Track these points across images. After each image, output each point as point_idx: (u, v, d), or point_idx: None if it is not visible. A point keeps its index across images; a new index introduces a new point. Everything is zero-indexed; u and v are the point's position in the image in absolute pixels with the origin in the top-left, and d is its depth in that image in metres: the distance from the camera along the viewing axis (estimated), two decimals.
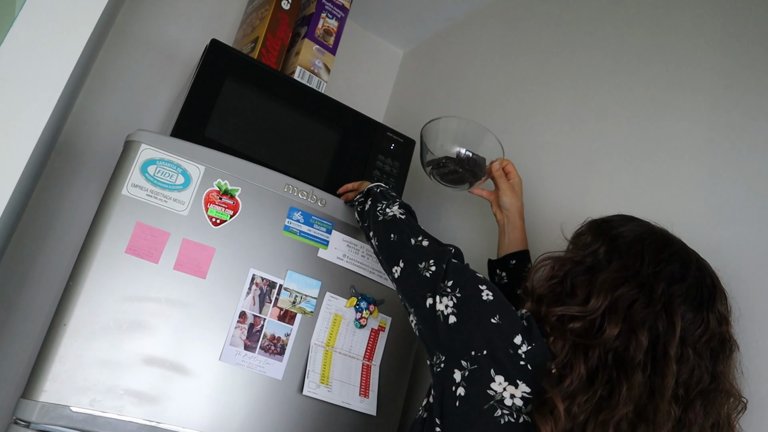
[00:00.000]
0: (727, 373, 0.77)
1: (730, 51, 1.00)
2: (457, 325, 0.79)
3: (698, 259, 0.81)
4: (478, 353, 0.76)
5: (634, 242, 0.81)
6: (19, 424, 0.87)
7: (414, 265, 0.89)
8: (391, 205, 1.03)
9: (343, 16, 1.53)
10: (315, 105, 1.29)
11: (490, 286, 0.83)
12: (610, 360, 0.73)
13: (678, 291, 0.76)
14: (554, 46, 1.40)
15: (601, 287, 0.77)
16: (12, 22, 0.92)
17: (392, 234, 0.96)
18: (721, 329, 0.77)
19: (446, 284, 0.83)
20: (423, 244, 0.91)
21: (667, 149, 1.04)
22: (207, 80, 1.17)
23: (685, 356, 0.73)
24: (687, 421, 0.73)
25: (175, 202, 1.01)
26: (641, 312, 0.74)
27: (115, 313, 0.94)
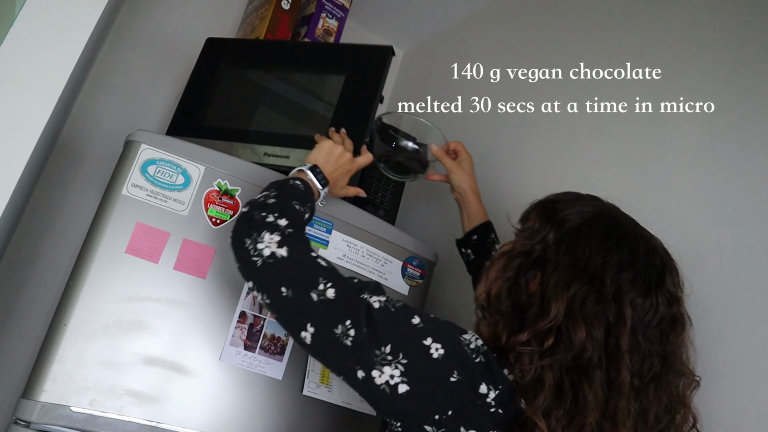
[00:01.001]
0: (678, 353, 0.75)
1: (731, 50, 1.00)
2: (412, 394, 0.68)
3: (647, 240, 0.78)
4: (442, 416, 0.68)
5: (582, 228, 0.77)
6: (19, 424, 0.87)
7: (328, 330, 0.70)
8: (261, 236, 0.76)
9: (343, 16, 1.53)
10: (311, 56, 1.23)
11: (433, 331, 0.71)
12: (569, 363, 0.69)
13: (626, 278, 0.73)
14: (554, 47, 1.40)
15: (555, 289, 0.73)
16: (12, 22, 0.92)
17: (282, 288, 0.73)
18: (672, 310, 0.75)
19: (383, 351, 0.68)
20: (328, 295, 0.72)
21: (667, 149, 1.04)
22: (203, 74, 1.18)
23: (635, 345, 0.71)
24: (641, 409, 0.71)
25: (175, 202, 1.01)
26: (594, 308, 0.71)
27: (115, 313, 0.94)
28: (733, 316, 0.84)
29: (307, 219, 0.87)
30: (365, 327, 0.69)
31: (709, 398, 0.83)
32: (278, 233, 0.77)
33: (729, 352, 0.83)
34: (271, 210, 0.80)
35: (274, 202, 0.82)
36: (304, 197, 0.88)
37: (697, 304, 0.89)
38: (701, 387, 0.79)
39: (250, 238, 0.77)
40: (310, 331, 0.72)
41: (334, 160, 1.00)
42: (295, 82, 1.21)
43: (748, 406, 0.79)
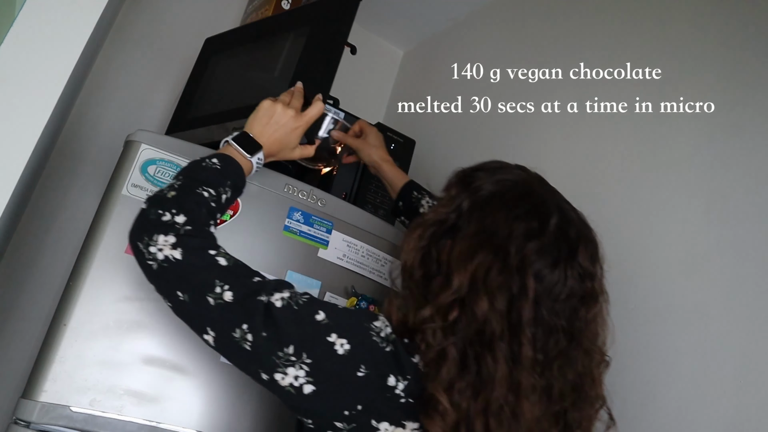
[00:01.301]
0: (589, 330, 0.72)
1: (731, 50, 1.00)
2: (318, 393, 0.67)
3: (562, 212, 0.74)
4: (352, 411, 0.67)
5: (494, 196, 0.74)
6: (19, 424, 0.87)
7: (227, 334, 0.68)
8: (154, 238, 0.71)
9: None
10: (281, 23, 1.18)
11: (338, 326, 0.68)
12: (473, 336, 0.67)
13: (532, 249, 0.70)
14: (554, 46, 1.40)
15: (459, 259, 0.70)
16: (12, 22, 0.92)
17: (178, 293, 0.70)
18: (584, 285, 0.72)
19: (286, 353, 0.66)
20: (225, 299, 0.69)
21: (667, 149, 1.04)
22: (200, 72, 1.18)
23: (539, 318, 0.68)
24: (546, 384, 0.68)
25: None
26: (497, 278, 0.68)
27: (115, 313, 0.94)
28: (734, 316, 0.84)
29: (227, 200, 0.82)
30: (263, 330, 0.67)
31: (710, 399, 0.83)
32: (173, 234, 0.72)
33: (729, 352, 0.83)
34: (169, 206, 0.74)
35: (174, 195, 0.76)
36: (219, 177, 0.81)
37: (697, 304, 0.89)
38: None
39: (142, 241, 0.73)
40: (212, 334, 0.70)
41: (274, 120, 0.91)
42: (262, 51, 1.16)
43: (749, 408, 0.79)
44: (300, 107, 0.94)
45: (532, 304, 0.68)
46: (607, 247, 1.05)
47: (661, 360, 0.91)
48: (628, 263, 1.01)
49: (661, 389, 0.89)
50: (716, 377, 0.83)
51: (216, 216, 0.80)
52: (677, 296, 0.92)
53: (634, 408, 0.91)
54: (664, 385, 0.89)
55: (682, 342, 0.89)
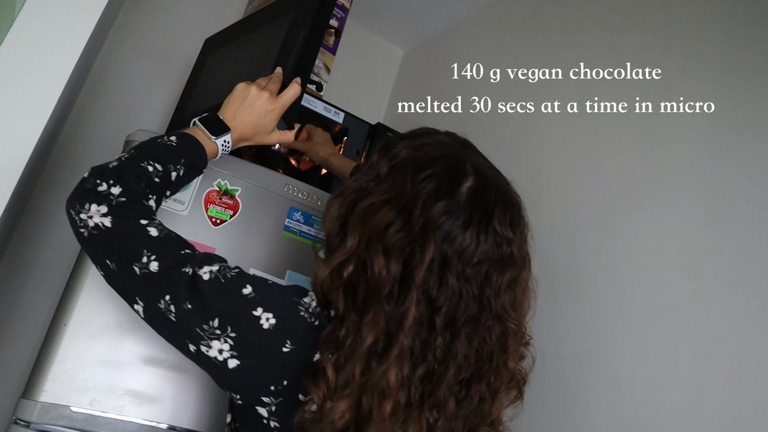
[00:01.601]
0: (501, 298, 0.69)
1: (731, 50, 1.00)
2: (244, 368, 0.65)
3: (480, 175, 0.72)
4: (278, 387, 0.66)
5: (407, 160, 0.72)
6: (19, 424, 0.87)
7: (154, 305, 0.67)
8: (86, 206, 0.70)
9: (343, 16, 1.53)
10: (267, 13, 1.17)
11: (265, 300, 0.67)
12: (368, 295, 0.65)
13: (439, 209, 0.67)
14: (554, 47, 1.40)
15: (357, 219, 0.69)
16: (12, 22, 0.92)
17: (107, 261, 0.69)
18: (500, 250, 0.69)
19: (211, 326, 0.65)
20: (151, 269, 0.67)
21: (667, 149, 1.04)
22: (199, 71, 1.18)
23: (445, 282, 0.66)
24: (453, 351, 0.66)
25: (175, 202, 1.01)
26: (394, 236, 0.66)
27: (115, 313, 0.94)
28: (733, 316, 0.84)
29: (178, 177, 0.80)
30: (188, 302, 0.66)
31: (710, 399, 0.83)
32: (105, 204, 0.69)
33: (729, 352, 0.83)
34: (107, 177, 0.72)
35: (115, 166, 0.74)
36: (172, 153, 0.79)
37: (697, 304, 0.89)
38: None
39: (74, 209, 0.71)
40: (141, 305, 0.69)
41: (247, 102, 0.88)
42: (252, 44, 1.15)
43: (749, 408, 0.79)
44: (276, 90, 0.91)
45: (437, 268, 0.66)
46: (606, 247, 1.06)
47: (661, 360, 0.91)
48: (628, 263, 1.01)
49: (661, 389, 0.89)
50: (716, 377, 0.83)
51: (161, 192, 0.77)
52: (677, 296, 0.92)
53: (634, 408, 0.91)
54: (664, 385, 0.89)
55: (682, 342, 0.89)
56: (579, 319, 1.04)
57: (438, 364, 0.66)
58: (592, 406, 0.97)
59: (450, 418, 0.67)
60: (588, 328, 1.03)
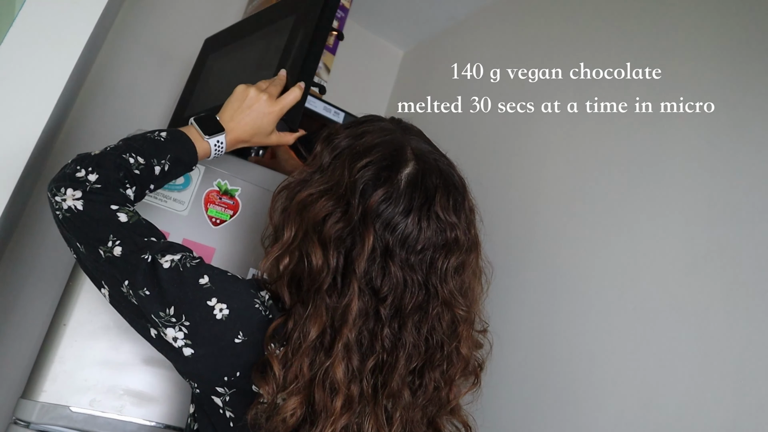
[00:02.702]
0: (448, 284, 0.68)
1: (731, 50, 1.00)
2: (197, 357, 0.66)
3: (421, 160, 0.70)
4: (231, 377, 0.66)
5: (348, 148, 0.72)
6: (18, 424, 0.87)
7: (116, 289, 0.68)
8: (62, 189, 0.70)
9: (343, 16, 1.53)
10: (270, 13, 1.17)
11: (220, 291, 0.67)
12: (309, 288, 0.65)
13: (378, 197, 0.66)
14: (554, 47, 1.40)
15: (292, 210, 0.69)
16: (12, 22, 0.92)
17: (77, 243, 0.70)
18: (444, 235, 0.68)
19: (167, 313, 0.65)
20: (115, 253, 0.67)
21: (668, 149, 1.04)
22: (200, 73, 1.18)
23: (388, 272, 0.65)
24: (402, 341, 0.66)
25: (175, 202, 1.01)
26: (332, 227, 0.66)
27: (115, 313, 0.93)
28: (733, 316, 0.84)
29: (162, 172, 0.79)
30: (145, 288, 0.66)
31: (710, 399, 0.83)
32: (80, 189, 0.70)
33: (729, 352, 0.83)
34: (87, 164, 0.73)
35: (97, 154, 0.75)
36: (157, 148, 0.79)
37: (697, 304, 0.89)
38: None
39: (51, 191, 0.72)
40: (106, 288, 0.70)
41: (245, 104, 0.88)
42: (252, 46, 1.15)
43: (749, 408, 0.79)
44: (276, 93, 0.91)
45: (378, 258, 0.66)
46: (606, 247, 1.06)
47: (661, 360, 0.91)
48: (628, 263, 1.01)
49: (661, 389, 0.89)
50: (716, 377, 0.83)
51: (141, 184, 0.77)
52: (677, 296, 0.92)
53: (635, 408, 0.91)
54: (664, 385, 0.89)
55: (682, 342, 0.89)
56: (579, 319, 1.04)
57: (387, 355, 0.66)
58: (592, 406, 0.97)
59: (407, 407, 0.67)
60: (588, 328, 1.03)
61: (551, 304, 1.10)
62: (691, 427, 0.83)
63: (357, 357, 0.64)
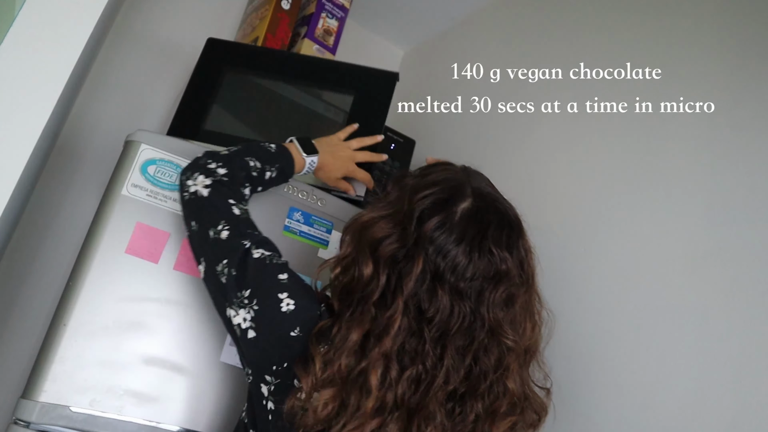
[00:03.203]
0: (496, 314, 0.71)
1: (731, 50, 1.00)
2: (256, 341, 0.73)
3: (481, 198, 0.76)
4: (279, 367, 0.72)
5: (413, 184, 0.78)
6: (18, 424, 0.87)
7: (212, 267, 0.78)
8: (195, 176, 0.84)
9: (343, 16, 1.53)
10: (318, 71, 1.24)
11: (292, 289, 0.75)
12: (358, 300, 0.71)
13: (432, 225, 0.71)
14: (554, 47, 1.40)
15: (354, 229, 0.76)
16: (12, 22, 0.92)
17: (192, 222, 0.82)
18: (494, 267, 0.72)
19: (243, 294, 0.74)
20: (221, 236, 0.78)
21: (668, 149, 1.04)
22: (204, 76, 1.17)
23: (436, 295, 0.69)
24: (442, 362, 0.69)
25: (175, 202, 1.01)
26: (387, 248, 0.71)
27: (115, 313, 0.94)
28: (733, 316, 0.84)
29: (270, 178, 0.93)
30: (235, 269, 0.75)
31: (710, 399, 0.83)
32: (211, 178, 0.83)
33: (729, 352, 0.83)
34: (217, 160, 0.87)
35: (225, 154, 0.89)
36: (270, 157, 0.93)
37: (697, 304, 0.89)
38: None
39: (185, 175, 0.86)
40: (203, 265, 0.80)
41: (332, 147, 1.04)
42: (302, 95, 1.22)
43: (749, 408, 0.79)
44: (355, 148, 1.08)
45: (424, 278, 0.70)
46: (606, 248, 1.06)
47: (661, 360, 0.91)
48: (628, 263, 1.01)
49: (661, 389, 0.89)
50: (716, 377, 0.83)
51: (255, 184, 0.90)
52: (677, 296, 0.92)
53: (634, 408, 0.91)
54: (664, 385, 0.89)
55: (682, 342, 0.89)
56: (578, 319, 1.04)
57: (426, 372, 0.68)
58: (592, 405, 0.97)
59: (437, 428, 0.68)
60: (587, 328, 1.03)
61: (551, 304, 1.10)
62: (691, 427, 0.83)
63: (396, 368, 0.68)
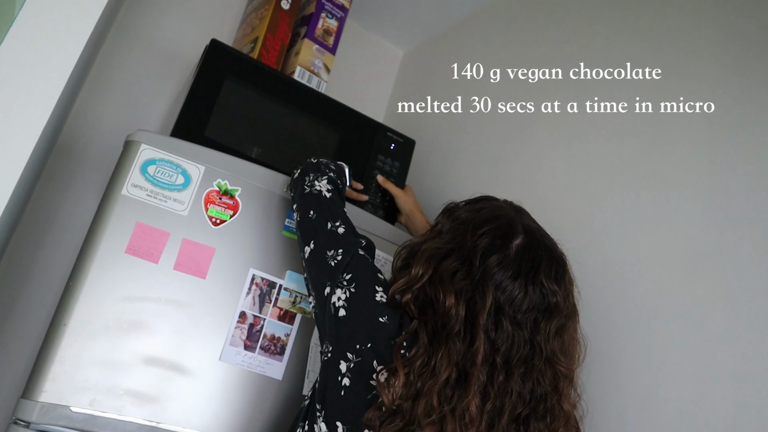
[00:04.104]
0: (553, 344, 0.79)
1: (731, 50, 1.00)
2: (346, 319, 0.81)
3: (530, 234, 0.83)
4: (362, 346, 0.79)
5: (468, 219, 0.86)
6: (18, 424, 0.87)
7: (323, 250, 0.88)
8: (320, 179, 0.99)
9: (342, 16, 1.53)
10: (315, 105, 1.29)
11: (386, 287, 0.84)
12: (439, 329, 0.77)
13: (494, 261, 0.79)
14: (554, 47, 1.40)
15: (421, 255, 0.83)
16: (12, 22, 0.92)
17: (311, 211, 0.94)
18: (546, 299, 0.79)
19: (344, 277, 0.84)
20: (338, 230, 0.90)
21: (668, 149, 1.04)
22: (207, 80, 1.17)
23: (501, 326, 0.77)
24: (508, 388, 0.76)
25: (175, 202, 1.01)
26: (460, 282, 0.78)
27: (115, 313, 0.94)
28: (733, 316, 0.84)
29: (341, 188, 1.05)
30: (349, 258, 0.85)
31: (710, 399, 0.83)
32: (332, 184, 0.99)
33: (729, 352, 0.83)
34: (331, 171, 1.03)
35: (333, 169, 1.05)
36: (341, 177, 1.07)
37: (697, 304, 0.89)
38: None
39: (312, 174, 0.99)
40: (312, 246, 0.90)
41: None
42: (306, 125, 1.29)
43: (749, 408, 0.79)
44: None
45: (493, 313, 0.77)
46: (606, 248, 1.06)
47: (661, 360, 0.91)
48: (628, 263, 1.01)
49: (661, 389, 0.89)
50: (716, 377, 0.83)
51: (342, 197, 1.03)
52: (677, 296, 0.92)
53: (635, 408, 0.91)
54: (664, 385, 0.89)
55: (682, 342, 0.89)
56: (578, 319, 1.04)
57: (498, 399, 0.75)
58: (592, 405, 0.97)
59: None
60: (587, 328, 1.03)
61: None
62: (691, 427, 0.83)
63: (479, 397, 0.74)
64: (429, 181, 1.58)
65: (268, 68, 1.28)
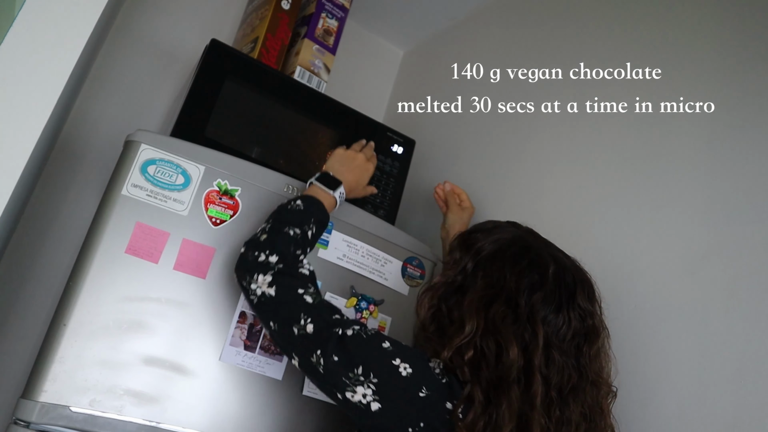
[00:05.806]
0: (594, 364, 0.80)
1: (731, 50, 1.00)
2: (385, 411, 0.75)
3: (557, 261, 0.83)
4: (415, 428, 0.74)
5: (496, 255, 0.84)
6: (18, 424, 0.87)
7: (307, 359, 0.80)
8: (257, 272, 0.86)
9: (343, 16, 1.53)
10: (315, 105, 1.29)
11: (402, 354, 0.78)
12: (496, 381, 0.75)
13: (538, 299, 0.79)
14: (554, 47, 1.40)
15: (470, 308, 0.79)
16: (12, 22, 0.92)
17: (271, 323, 0.84)
18: (585, 323, 0.80)
19: (356, 373, 0.76)
20: (308, 330, 0.81)
21: (668, 149, 1.04)
22: (207, 80, 1.17)
23: (552, 360, 0.76)
24: (564, 419, 0.75)
25: (175, 202, 1.01)
26: (511, 327, 0.77)
27: (115, 313, 0.94)
28: (733, 316, 0.84)
29: (313, 235, 0.95)
30: (334, 354, 0.78)
31: (710, 399, 0.83)
32: (270, 273, 0.86)
33: (729, 352, 0.83)
34: (263, 248, 0.89)
35: (266, 238, 0.90)
36: (303, 216, 0.94)
37: (697, 304, 0.89)
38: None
39: (245, 280, 0.88)
40: (297, 359, 0.82)
41: (348, 162, 1.08)
42: (305, 125, 1.28)
43: (749, 408, 0.79)
44: (371, 155, 1.14)
45: (544, 349, 0.76)
46: (606, 248, 1.06)
47: (661, 360, 0.91)
48: (629, 263, 1.01)
49: (661, 389, 0.89)
50: (716, 377, 0.83)
51: (306, 249, 0.93)
52: (677, 296, 0.92)
53: (635, 408, 0.91)
54: (664, 385, 0.89)
55: (682, 342, 0.89)
56: None
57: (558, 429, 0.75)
58: None
59: None
60: None
61: None
62: (691, 427, 0.83)
63: None
64: (429, 181, 1.58)
65: (268, 68, 1.28)
